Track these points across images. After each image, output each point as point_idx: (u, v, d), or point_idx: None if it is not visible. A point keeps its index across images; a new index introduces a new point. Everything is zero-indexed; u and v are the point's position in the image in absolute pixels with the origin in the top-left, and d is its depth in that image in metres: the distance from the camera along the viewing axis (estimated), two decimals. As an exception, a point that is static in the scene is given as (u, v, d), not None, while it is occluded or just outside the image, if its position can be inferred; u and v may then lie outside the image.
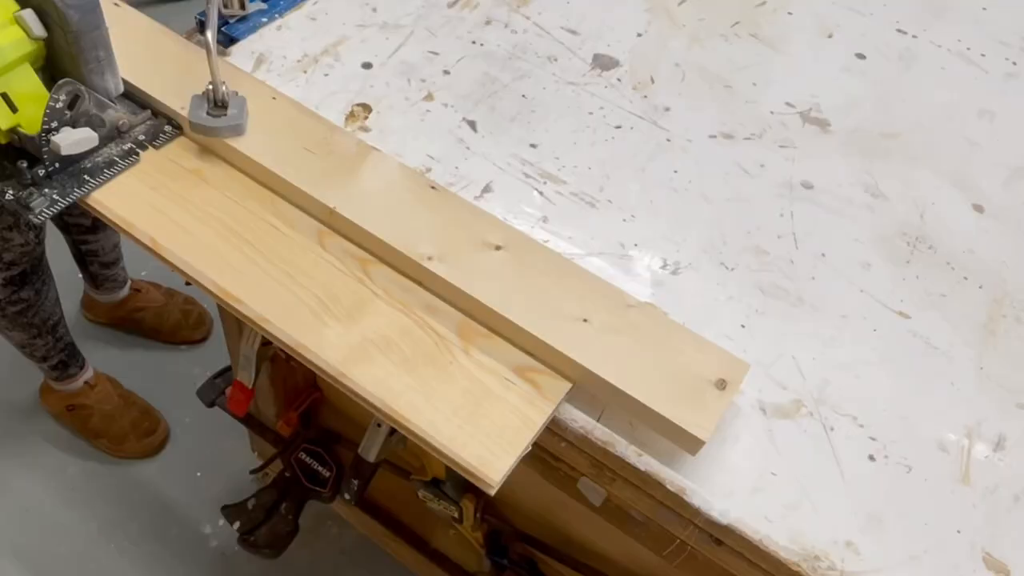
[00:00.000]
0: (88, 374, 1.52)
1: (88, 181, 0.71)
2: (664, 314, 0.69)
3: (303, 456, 1.14)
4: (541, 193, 0.78)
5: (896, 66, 0.97)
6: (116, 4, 0.83)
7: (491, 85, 0.87)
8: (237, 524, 1.14)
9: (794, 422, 0.66)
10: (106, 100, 0.71)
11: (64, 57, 0.68)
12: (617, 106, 0.87)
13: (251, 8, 0.87)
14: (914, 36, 1.01)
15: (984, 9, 1.05)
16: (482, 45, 0.91)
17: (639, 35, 0.96)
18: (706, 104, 0.89)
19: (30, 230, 1.17)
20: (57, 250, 1.40)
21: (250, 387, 1.03)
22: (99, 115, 0.71)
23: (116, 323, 1.68)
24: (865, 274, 0.76)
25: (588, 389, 0.64)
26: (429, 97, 0.85)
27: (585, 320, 0.65)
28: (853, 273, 0.76)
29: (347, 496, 1.02)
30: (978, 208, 0.83)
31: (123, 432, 1.54)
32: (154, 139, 0.75)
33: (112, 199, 0.71)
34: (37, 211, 0.68)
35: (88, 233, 1.42)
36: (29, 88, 0.67)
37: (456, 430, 0.60)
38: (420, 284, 0.69)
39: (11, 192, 0.69)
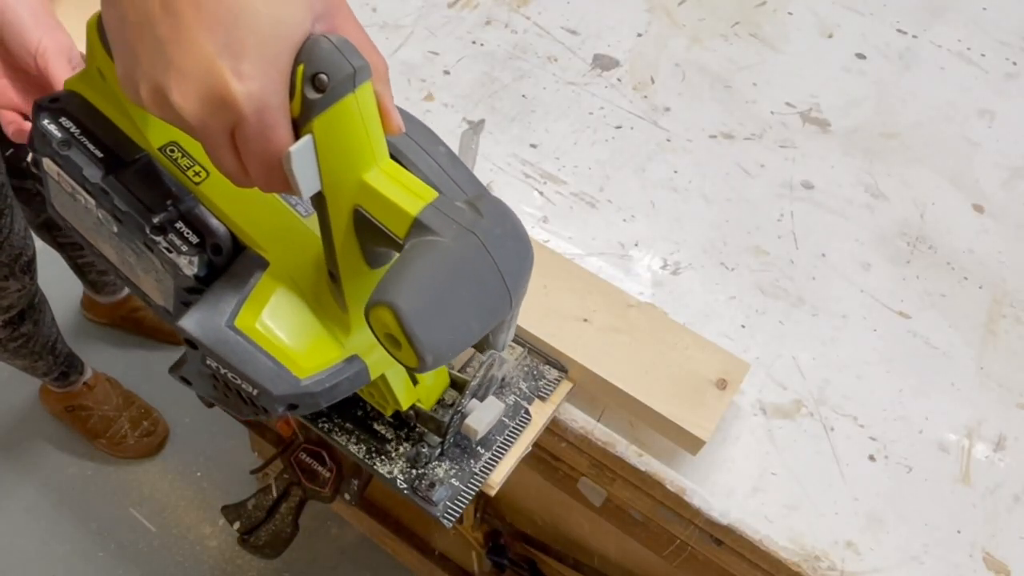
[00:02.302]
0: (87, 375, 1.52)
1: (482, 455, 0.58)
2: (664, 314, 0.69)
3: (303, 456, 1.14)
4: (541, 193, 0.78)
5: (896, 66, 0.97)
6: None
7: (491, 85, 0.87)
8: (237, 524, 1.14)
9: (794, 422, 0.66)
10: (502, 355, 0.60)
11: None
12: (617, 106, 0.87)
13: (251, 8, 0.87)
14: (914, 36, 1.01)
15: (984, 9, 1.05)
16: (482, 45, 0.91)
17: (639, 35, 0.96)
18: (706, 104, 0.89)
19: (25, 274, 1.17)
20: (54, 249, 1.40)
21: (250, 387, 1.03)
22: (496, 374, 0.60)
23: (116, 323, 1.68)
24: (865, 274, 0.76)
25: (588, 389, 0.64)
26: (429, 97, 0.85)
27: (585, 320, 0.65)
28: (853, 273, 0.76)
29: (347, 496, 1.02)
30: (978, 208, 0.83)
31: (123, 432, 1.54)
32: (537, 387, 0.62)
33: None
34: (440, 506, 0.56)
35: (84, 248, 1.42)
36: None
37: (456, 430, 0.60)
38: (420, 284, 0.69)
39: (402, 478, 0.57)
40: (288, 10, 0.35)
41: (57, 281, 1.35)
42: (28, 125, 0.77)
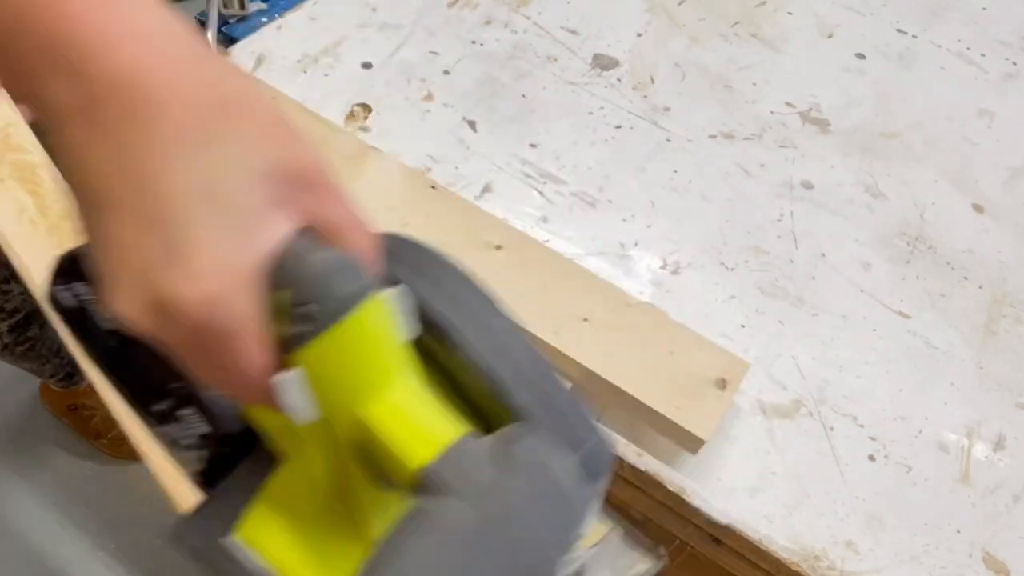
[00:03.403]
0: (89, 374, 1.52)
1: None
2: (664, 314, 0.69)
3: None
4: (541, 193, 0.78)
5: (896, 66, 0.97)
6: None
7: (491, 85, 0.87)
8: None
9: (794, 422, 0.66)
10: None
11: None
12: (617, 106, 0.87)
13: (251, 8, 0.87)
14: (914, 36, 1.01)
15: (984, 9, 1.05)
16: (482, 45, 0.91)
17: (639, 35, 0.96)
18: (706, 104, 0.89)
19: None
20: (57, 250, 1.40)
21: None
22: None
23: (116, 322, 1.68)
24: (865, 274, 0.76)
25: (588, 389, 0.64)
26: (429, 97, 0.85)
27: (585, 319, 0.65)
28: (853, 273, 0.76)
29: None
30: (978, 208, 0.83)
31: (124, 432, 1.54)
32: None
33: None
34: None
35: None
36: None
37: (456, 430, 0.60)
38: (420, 284, 0.69)
39: None
40: (237, 202, 0.28)
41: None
42: None
